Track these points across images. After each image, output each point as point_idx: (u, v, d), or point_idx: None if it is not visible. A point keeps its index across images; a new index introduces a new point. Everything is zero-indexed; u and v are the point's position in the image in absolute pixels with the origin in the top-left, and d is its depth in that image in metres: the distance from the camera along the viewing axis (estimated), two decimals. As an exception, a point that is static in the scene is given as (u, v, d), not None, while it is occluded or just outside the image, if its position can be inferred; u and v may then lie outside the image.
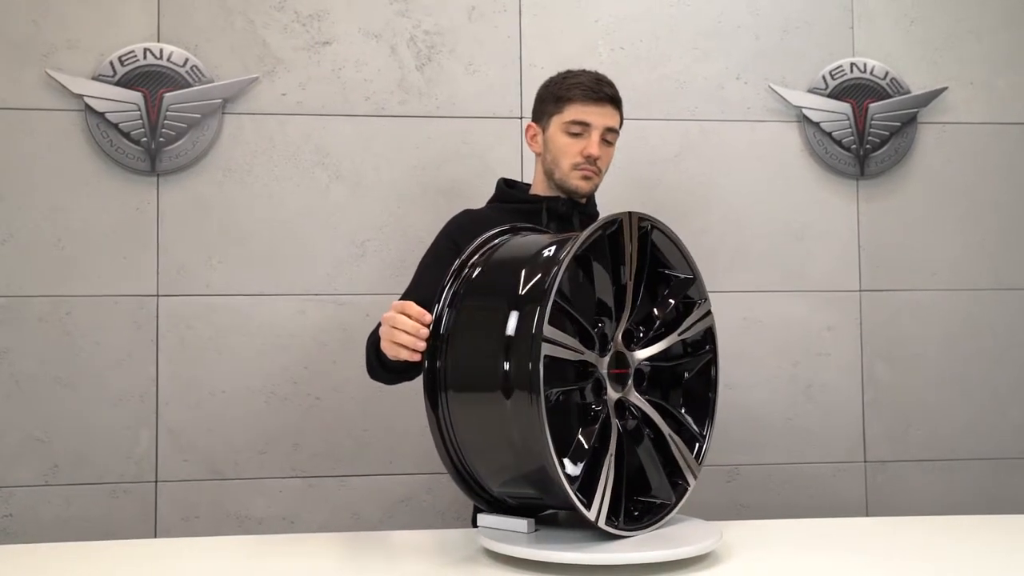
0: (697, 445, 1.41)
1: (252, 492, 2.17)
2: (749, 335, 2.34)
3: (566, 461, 1.23)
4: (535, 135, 1.74)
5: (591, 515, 1.22)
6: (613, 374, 1.31)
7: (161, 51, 2.17)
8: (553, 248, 1.31)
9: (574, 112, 1.65)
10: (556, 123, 1.68)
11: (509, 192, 1.79)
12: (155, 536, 2.12)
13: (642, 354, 1.37)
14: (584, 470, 1.24)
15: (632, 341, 1.38)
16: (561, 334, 1.22)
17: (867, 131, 2.38)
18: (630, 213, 1.33)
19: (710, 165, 2.36)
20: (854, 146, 2.37)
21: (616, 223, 1.31)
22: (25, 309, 2.12)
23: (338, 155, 2.24)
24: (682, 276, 1.42)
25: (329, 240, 2.23)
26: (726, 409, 2.30)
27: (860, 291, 2.38)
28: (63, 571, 1.29)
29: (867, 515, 2.34)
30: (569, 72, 1.71)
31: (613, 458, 1.25)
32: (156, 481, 2.14)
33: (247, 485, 2.17)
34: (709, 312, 1.44)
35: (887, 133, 2.38)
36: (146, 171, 2.16)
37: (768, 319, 2.35)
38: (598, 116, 1.65)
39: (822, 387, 2.36)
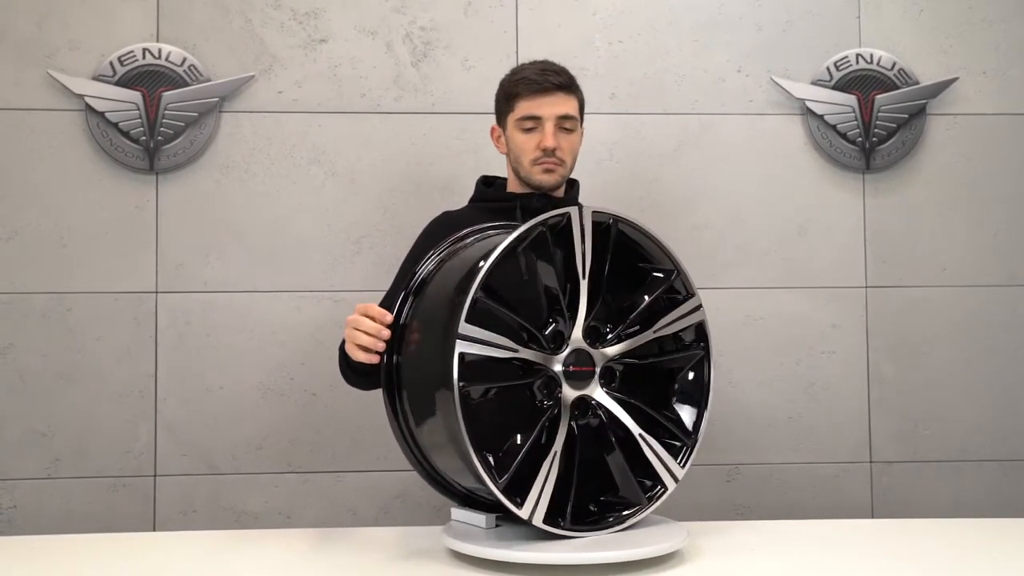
0: (679, 445, 1.35)
1: (249, 487, 2.19)
2: (751, 332, 2.30)
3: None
4: (499, 136, 1.73)
5: (523, 513, 1.19)
6: (575, 371, 1.28)
7: (160, 51, 2.20)
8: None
9: (524, 107, 1.63)
10: (511, 121, 1.66)
11: (486, 191, 1.78)
12: (154, 529, 2.16)
13: (611, 351, 1.33)
14: (523, 467, 1.21)
15: (601, 338, 1.35)
16: (483, 331, 1.19)
17: (873, 123, 2.32)
18: (580, 207, 1.29)
19: (711, 159, 2.31)
20: (860, 139, 2.31)
21: (564, 218, 1.27)
22: (27, 305, 2.16)
23: (334, 152, 2.24)
24: (662, 272, 1.37)
25: (325, 237, 2.23)
26: (727, 407, 2.27)
27: (866, 287, 2.32)
28: (65, 563, 1.32)
29: (873, 517, 2.28)
30: (520, 66, 1.69)
31: (558, 456, 1.23)
32: (155, 475, 2.17)
33: (244, 480, 2.19)
34: (698, 308, 1.36)
35: (894, 125, 2.32)
36: (145, 169, 2.19)
37: (771, 316, 2.31)
38: (548, 107, 1.61)
39: (826, 385, 2.30)
